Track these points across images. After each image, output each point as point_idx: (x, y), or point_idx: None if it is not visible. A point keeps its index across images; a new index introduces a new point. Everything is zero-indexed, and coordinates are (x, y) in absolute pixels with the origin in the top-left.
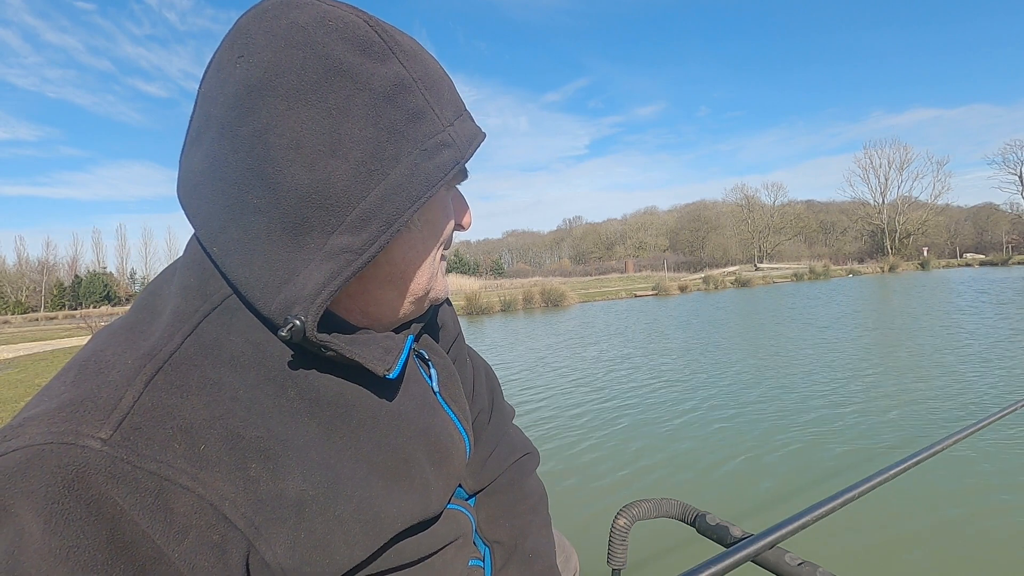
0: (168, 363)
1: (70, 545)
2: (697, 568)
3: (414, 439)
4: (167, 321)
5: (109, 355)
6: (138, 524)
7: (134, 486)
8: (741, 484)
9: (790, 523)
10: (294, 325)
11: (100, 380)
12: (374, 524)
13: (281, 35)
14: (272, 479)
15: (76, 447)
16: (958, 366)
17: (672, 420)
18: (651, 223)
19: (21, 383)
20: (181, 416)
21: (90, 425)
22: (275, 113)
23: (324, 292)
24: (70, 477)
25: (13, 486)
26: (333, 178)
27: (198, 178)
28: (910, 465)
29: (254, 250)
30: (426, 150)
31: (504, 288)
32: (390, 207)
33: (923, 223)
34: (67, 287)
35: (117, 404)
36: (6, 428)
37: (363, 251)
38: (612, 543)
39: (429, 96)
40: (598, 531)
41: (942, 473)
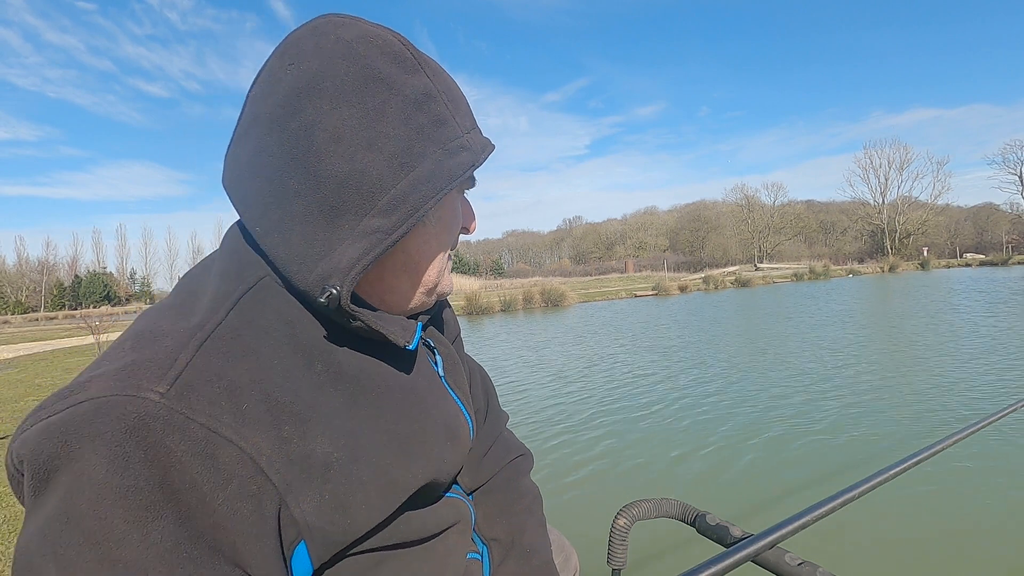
0: (215, 333)
1: (128, 484)
2: (697, 568)
3: (427, 412)
4: (210, 299)
5: (162, 326)
6: (188, 470)
7: (186, 435)
8: (741, 484)
9: (790, 523)
10: (331, 293)
11: (156, 346)
12: (390, 489)
13: (328, 47)
14: (302, 441)
15: (137, 399)
16: (958, 366)
17: (672, 420)
18: (651, 223)
19: (21, 383)
20: (227, 378)
21: (149, 381)
22: (320, 111)
23: (358, 265)
24: (131, 424)
25: (80, 431)
26: (368, 168)
27: (243, 168)
28: (910, 465)
29: (293, 229)
30: (448, 151)
31: (504, 288)
32: (416, 195)
33: (923, 223)
34: (67, 287)
35: (172, 364)
36: (72, 385)
37: (392, 231)
38: (612, 543)
39: (450, 107)
40: (598, 531)
41: (942, 473)
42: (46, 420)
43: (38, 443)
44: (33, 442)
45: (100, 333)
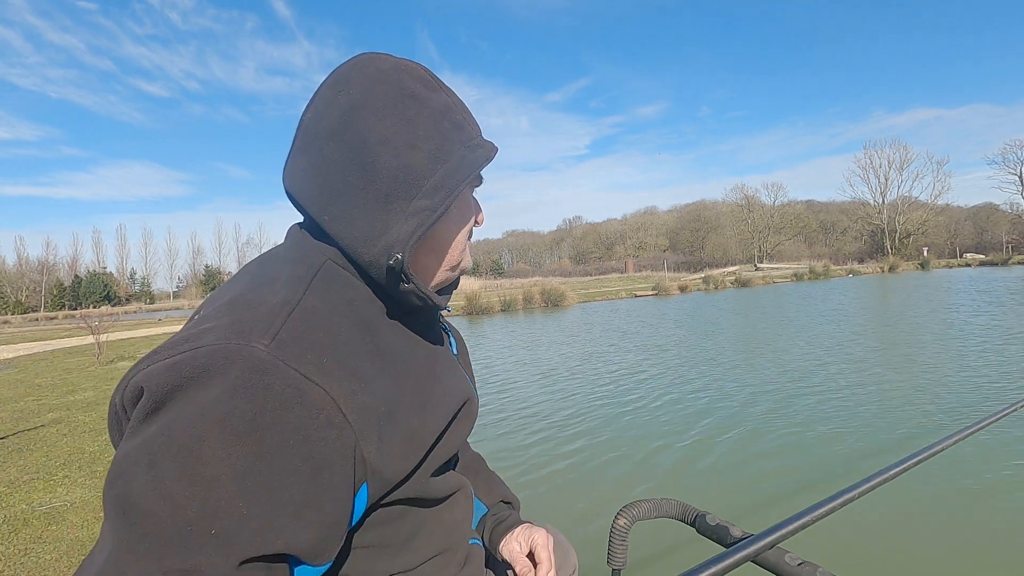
0: (298, 306)
1: (228, 411)
2: (697, 568)
3: (445, 381)
4: (286, 282)
5: (253, 298)
6: (287, 403)
7: (284, 377)
8: (741, 484)
9: (790, 523)
10: (396, 259)
11: (253, 312)
12: (416, 441)
13: (370, 75)
14: (362, 395)
15: (247, 347)
16: (958, 366)
17: (672, 420)
18: (651, 223)
19: (21, 383)
20: (310, 340)
21: (255, 337)
22: (369, 123)
23: (414, 236)
24: (242, 365)
25: (200, 367)
26: (412, 162)
27: (307, 172)
28: (910, 465)
29: (356, 215)
30: (469, 147)
31: (504, 288)
32: (452, 180)
33: (923, 223)
34: (67, 287)
35: (271, 325)
36: (186, 335)
37: (436, 208)
38: (612, 543)
39: (465, 116)
40: (598, 531)
41: (942, 473)
42: (169, 359)
43: (162, 375)
44: (157, 374)
45: (100, 333)
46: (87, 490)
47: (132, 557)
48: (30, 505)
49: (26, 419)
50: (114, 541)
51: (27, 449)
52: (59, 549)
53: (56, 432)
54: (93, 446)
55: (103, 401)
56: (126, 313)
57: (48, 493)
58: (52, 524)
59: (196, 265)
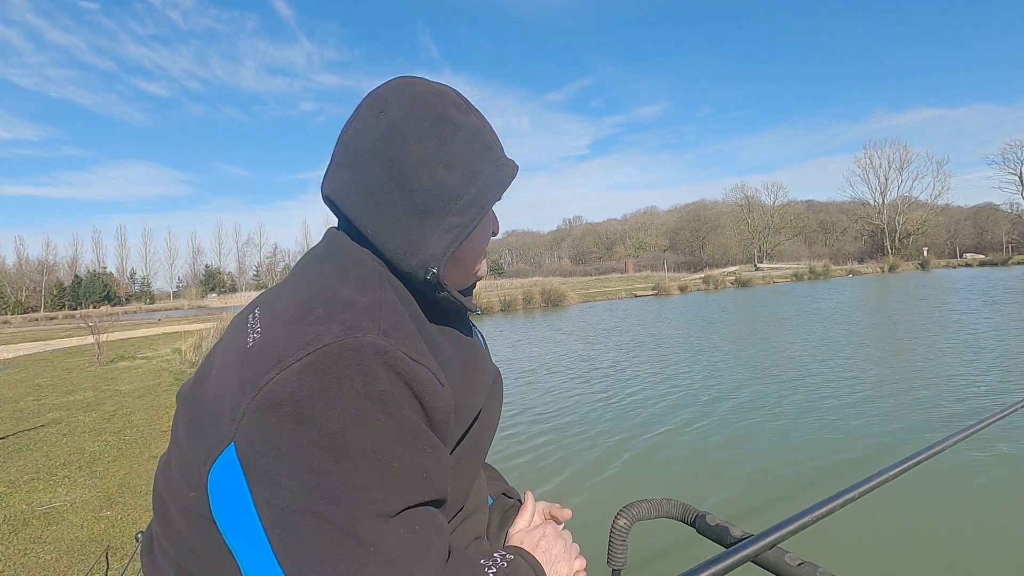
0: (382, 301)
1: (380, 389)
2: (697, 568)
3: (483, 364)
4: (362, 284)
5: (344, 298)
6: (411, 378)
7: (399, 359)
8: (741, 484)
9: (790, 523)
10: (432, 273)
11: (355, 308)
12: (480, 441)
13: (409, 99)
14: (453, 391)
15: (368, 336)
16: (958, 366)
17: (672, 420)
18: (651, 223)
19: (21, 383)
20: (404, 328)
21: (367, 328)
22: (408, 144)
23: (448, 252)
24: (370, 352)
25: (337, 361)
26: (447, 181)
27: (350, 186)
28: (910, 465)
29: (396, 228)
30: (497, 166)
31: (504, 288)
32: (482, 198)
33: (923, 223)
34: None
35: (375, 318)
36: (302, 337)
37: (469, 225)
38: (612, 543)
39: (493, 138)
40: (598, 531)
41: (943, 473)
42: (298, 362)
43: (305, 378)
44: (298, 378)
45: (100, 333)
46: (87, 490)
47: (385, 505)
48: (30, 505)
49: (26, 419)
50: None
51: (27, 449)
52: (59, 549)
53: (56, 432)
54: (93, 446)
55: (103, 401)
56: (126, 313)
57: (48, 493)
58: (52, 524)
59: (196, 265)
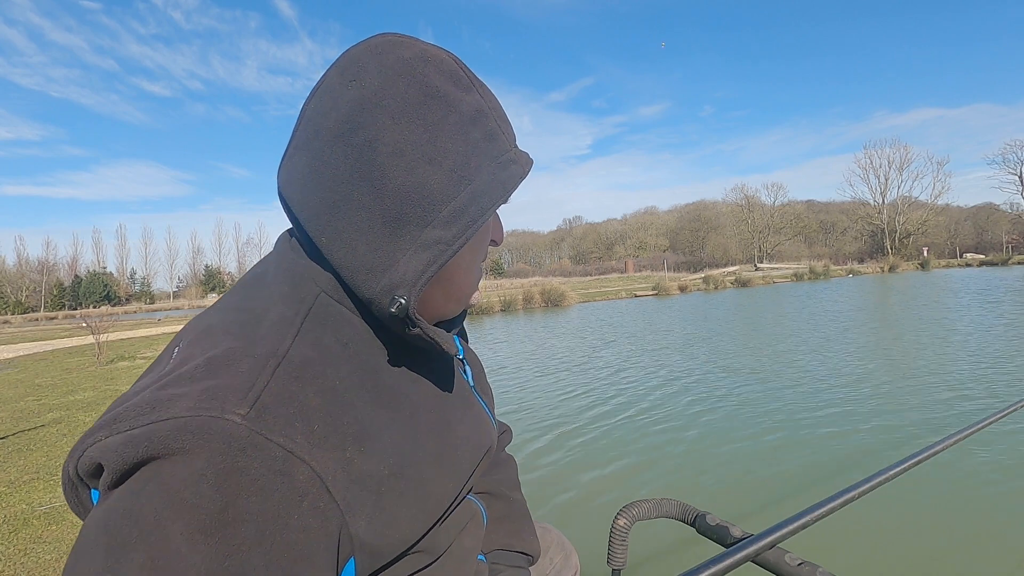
0: (286, 358)
1: (197, 500)
2: (697, 568)
3: (461, 426)
4: (276, 325)
5: (234, 352)
6: (267, 487)
7: (266, 455)
8: (741, 484)
9: (790, 523)
10: (400, 304)
11: (233, 371)
12: (429, 502)
13: (389, 66)
14: (361, 461)
15: (221, 419)
16: (958, 366)
17: (672, 420)
18: (651, 223)
19: (21, 383)
20: (300, 401)
21: (231, 404)
22: (383, 126)
23: (423, 277)
24: (217, 443)
25: (166, 445)
26: (429, 181)
27: (306, 178)
28: (910, 465)
29: (358, 239)
30: (500, 163)
31: (504, 288)
32: (475, 207)
33: (923, 223)
34: (67, 287)
35: (251, 388)
36: (151, 401)
37: (453, 242)
38: (612, 543)
39: (500, 123)
40: (598, 531)
41: (942, 473)
42: (128, 432)
43: (122, 450)
44: (116, 449)
45: (100, 333)
46: None
47: None
48: (30, 505)
49: (26, 419)
50: None
51: (27, 449)
52: (59, 549)
53: (56, 432)
54: None
55: (103, 401)
56: (126, 313)
57: (48, 493)
58: (52, 524)
59: (196, 265)
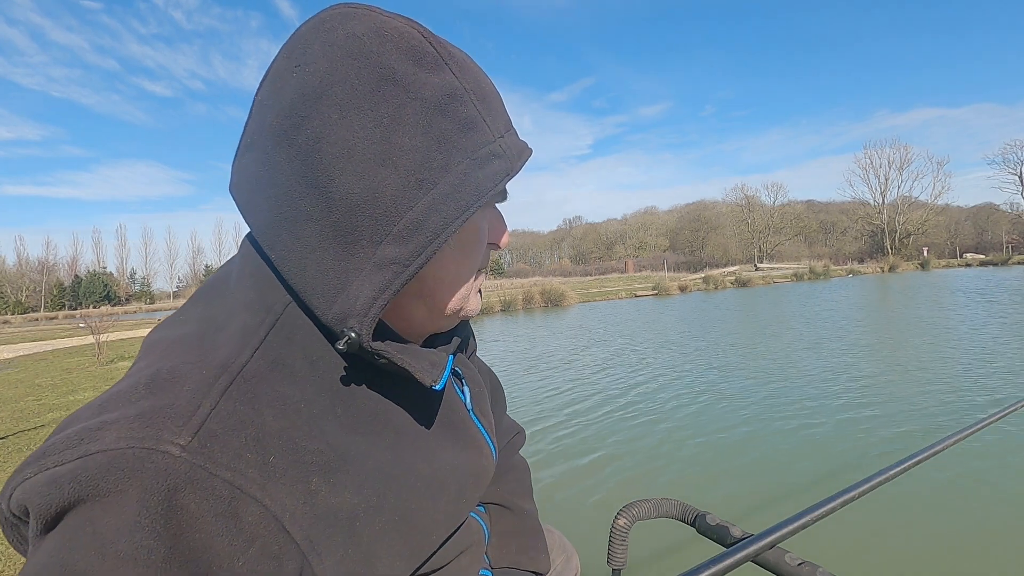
0: (240, 375)
1: (136, 548)
2: (697, 568)
3: (451, 455)
4: (235, 335)
5: (182, 366)
6: (209, 531)
7: (209, 492)
8: (741, 484)
9: (790, 523)
10: (350, 338)
11: (177, 389)
12: (416, 536)
13: (338, 45)
14: (329, 493)
15: (157, 452)
16: (958, 366)
17: (672, 420)
18: (651, 223)
19: (21, 383)
20: (254, 426)
21: (170, 432)
22: (328, 122)
23: (375, 306)
24: (152, 482)
25: (93, 486)
26: (383, 187)
27: (252, 183)
28: (910, 465)
29: (308, 257)
30: (476, 160)
31: (504, 288)
32: (437, 217)
33: (923, 223)
34: (67, 287)
35: (195, 412)
36: (82, 431)
37: (409, 263)
38: (612, 543)
39: (480, 106)
40: (598, 531)
41: (942, 473)
42: (53, 470)
43: (46, 493)
44: (39, 491)
45: (100, 333)
46: None
47: None
48: None
49: (26, 419)
50: None
51: (27, 449)
52: None
53: None
54: None
55: None
56: (126, 313)
57: None
58: None
59: (196, 265)
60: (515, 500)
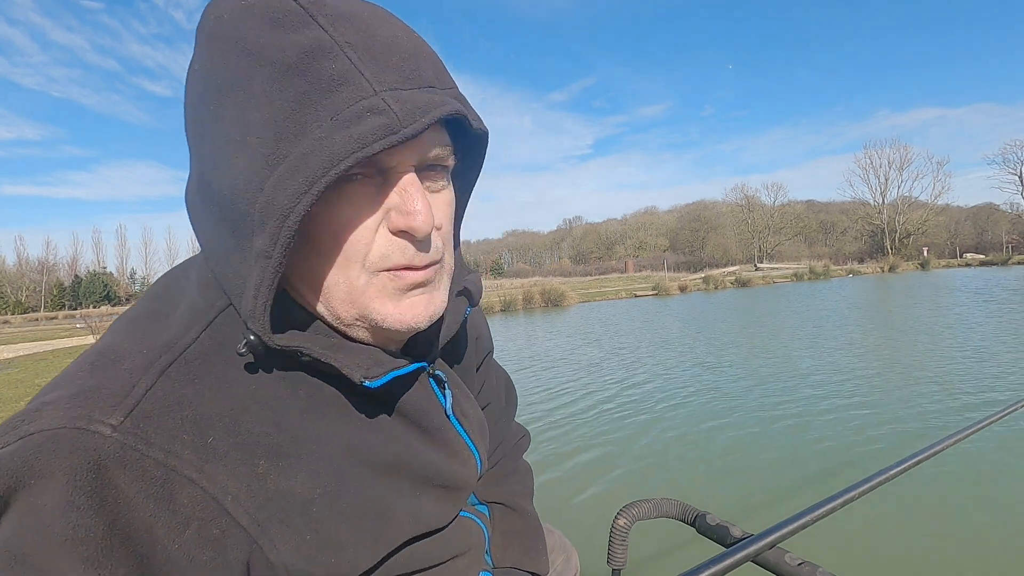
0: (183, 355)
1: (76, 530)
2: (697, 568)
3: (423, 453)
4: (184, 314)
5: (127, 344)
6: (142, 512)
7: (140, 474)
8: (741, 484)
9: (790, 523)
10: (248, 341)
11: (116, 368)
12: (381, 524)
13: (206, 32)
14: (280, 476)
15: (88, 432)
16: (959, 366)
17: (672, 420)
18: (651, 223)
19: (21, 383)
20: (192, 407)
21: (102, 411)
22: (204, 111)
23: (258, 303)
24: (80, 462)
25: (30, 467)
26: (240, 172)
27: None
28: (910, 465)
29: (219, 257)
30: (340, 120)
31: (504, 288)
32: (283, 196)
33: (923, 223)
34: (67, 287)
35: (130, 391)
36: (24, 412)
37: (270, 252)
38: (612, 543)
39: (359, 58)
40: (598, 531)
41: (942, 473)
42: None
43: None
44: None
45: (100, 333)
46: None
47: None
48: None
49: None
50: None
51: None
52: None
53: None
54: None
55: None
56: None
57: None
58: None
59: None
60: (519, 501)
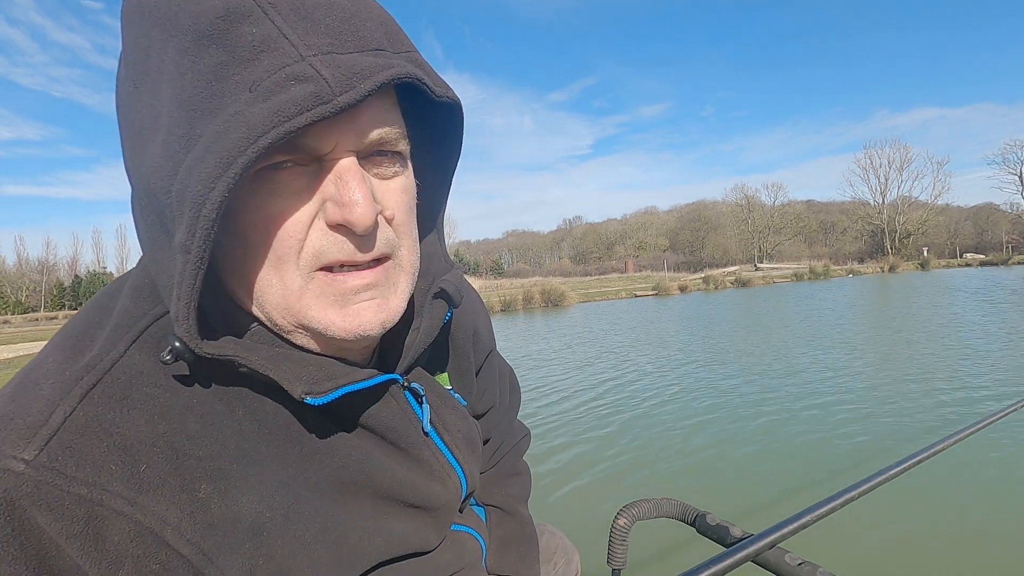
0: (109, 373)
1: (5, 574)
2: (697, 568)
3: (392, 468)
4: (113, 324)
5: (50, 365)
6: (68, 553)
7: (60, 512)
8: (741, 484)
9: (790, 523)
10: (172, 347)
11: (34, 393)
12: (340, 549)
13: (125, 10)
14: (224, 501)
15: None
16: (958, 366)
17: (672, 420)
18: (651, 223)
19: None
20: (120, 433)
21: (12, 445)
22: (125, 100)
23: (181, 306)
24: None
25: None
26: (156, 157)
27: None
28: (910, 465)
29: (151, 252)
30: (261, 90)
31: (504, 288)
32: (195, 181)
33: (923, 223)
34: (67, 287)
35: (47, 420)
36: None
37: (188, 248)
38: (612, 543)
39: (282, 20)
40: (598, 531)
41: (942, 473)
42: None
43: None
44: None
45: None
46: None
47: None
48: None
49: None
50: None
51: None
52: None
53: None
54: None
55: None
56: None
57: None
58: None
59: None
60: (516, 505)
